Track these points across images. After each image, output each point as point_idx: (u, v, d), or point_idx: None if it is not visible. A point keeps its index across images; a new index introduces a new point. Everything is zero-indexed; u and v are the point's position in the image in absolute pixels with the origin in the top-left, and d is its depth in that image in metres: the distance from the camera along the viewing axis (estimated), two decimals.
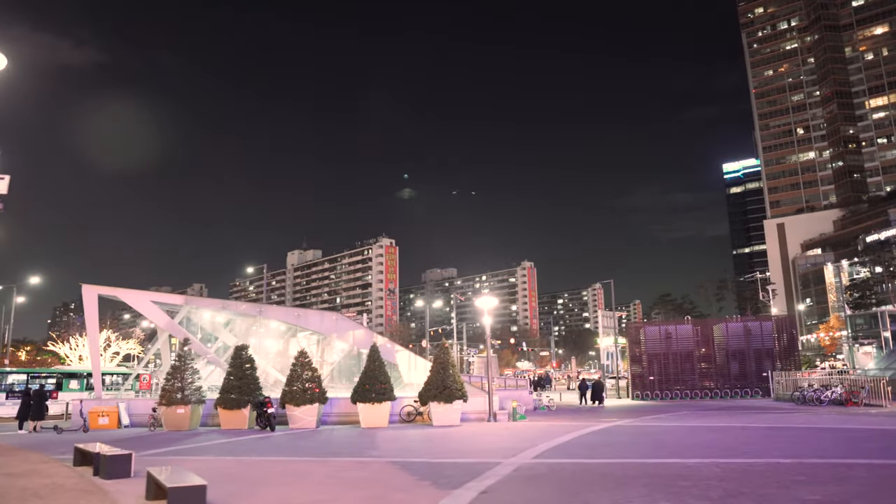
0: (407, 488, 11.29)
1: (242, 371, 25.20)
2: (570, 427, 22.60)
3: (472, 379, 45.56)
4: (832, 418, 24.05)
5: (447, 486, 11.10)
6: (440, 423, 24.22)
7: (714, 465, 12.70)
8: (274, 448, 18.21)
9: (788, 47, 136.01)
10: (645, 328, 50.89)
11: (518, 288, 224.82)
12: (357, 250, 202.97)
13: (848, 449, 14.83)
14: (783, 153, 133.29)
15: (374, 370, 24.77)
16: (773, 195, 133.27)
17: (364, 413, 24.30)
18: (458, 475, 12.25)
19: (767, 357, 46.70)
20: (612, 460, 14.02)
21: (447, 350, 25.42)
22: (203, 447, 18.71)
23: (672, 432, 20.11)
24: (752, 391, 44.30)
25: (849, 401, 30.94)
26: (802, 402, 33.17)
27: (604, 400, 40.22)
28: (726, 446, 15.89)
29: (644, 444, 17.08)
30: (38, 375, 41.68)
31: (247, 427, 24.59)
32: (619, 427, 22.25)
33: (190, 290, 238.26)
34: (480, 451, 16.27)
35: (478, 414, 26.86)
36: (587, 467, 13.20)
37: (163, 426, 24.88)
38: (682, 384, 46.62)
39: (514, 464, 13.64)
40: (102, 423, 26.15)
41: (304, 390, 24.44)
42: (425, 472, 12.88)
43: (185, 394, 24.93)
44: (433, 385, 24.53)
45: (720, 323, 49.98)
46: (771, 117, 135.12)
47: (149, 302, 29.07)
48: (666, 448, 15.98)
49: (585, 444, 17.27)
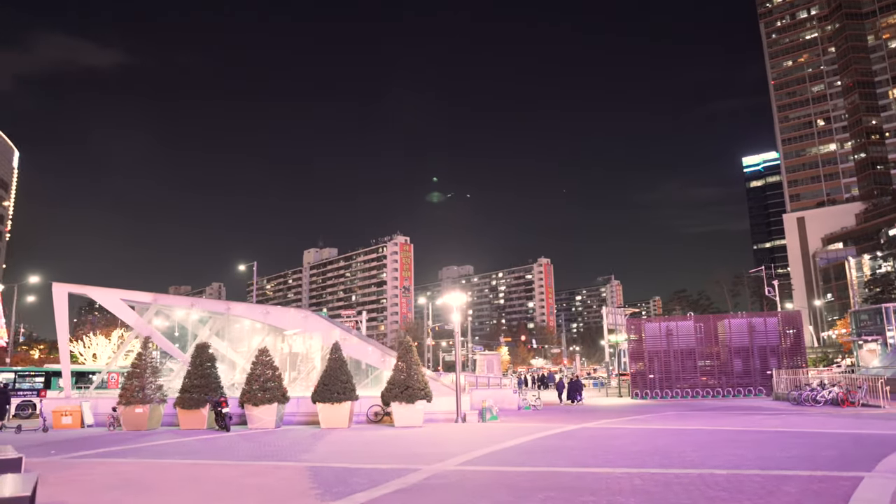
0: (288, 499, 10.45)
1: (203, 370, 24.58)
2: (533, 429, 21.62)
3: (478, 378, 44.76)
4: (816, 421, 22.71)
5: (331, 498, 10.29)
6: (402, 424, 23.35)
7: (638, 476, 11.66)
8: (209, 450, 17.50)
9: (808, 37, 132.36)
10: (645, 324, 49.46)
11: (535, 285, 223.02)
12: (372, 248, 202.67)
13: (800, 458, 13.64)
14: (803, 145, 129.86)
15: (335, 369, 23.96)
16: (793, 188, 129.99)
17: (323, 413, 23.52)
18: (358, 483, 11.46)
19: (773, 355, 45.13)
20: (536, 468, 13.03)
21: (411, 348, 24.50)
22: (139, 448, 18.09)
23: (630, 436, 19.00)
24: (756, 390, 42.82)
25: (845, 401, 29.45)
26: (799, 403, 31.77)
27: (579, 398, 39.22)
28: (673, 453, 14.78)
29: (588, 450, 16.04)
30: (27, 374, 41.55)
31: (205, 427, 23.99)
32: (582, 430, 21.19)
33: (209, 290, 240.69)
34: (413, 456, 15.37)
35: (450, 414, 25.93)
36: (499, 476, 12.30)
37: (122, 426, 24.37)
38: (684, 382, 45.27)
39: (430, 471, 12.76)
40: (65, 423, 25.74)
41: (264, 389, 23.74)
42: (329, 480, 12.06)
43: (146, 393, 24.39)
44: (395, 385, 23.68)
45: (723, 319, 48.39)
46: (790, 109, 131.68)
47: (118, 300, 28.63)
48: (605, 455, 14.93)
49: (526, 450, 16.28)
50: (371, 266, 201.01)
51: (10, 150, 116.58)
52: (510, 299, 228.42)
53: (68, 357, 29.24)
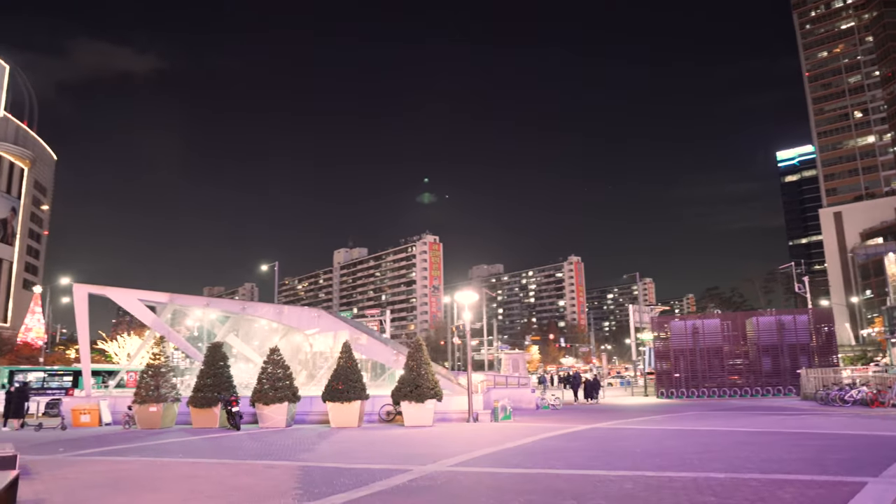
0: (267, 498, 10.34)
1: (215, 369, 24.76)
2: (543, 429, 21.29)
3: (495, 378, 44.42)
4: (838, 422, 21.89)
5: (309, 498, 10.19)
6: (412, 423, 23.20)
7: (631, 479, 11.29)
8: (212, 449, 17.57)
9: (844, 26, 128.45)
10: (671, 322, 48.58)
11: (565, 283, 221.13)
12: (401, 248, 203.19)
13: (807, 461, 13.07)
14: (839, 138, 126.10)
15: (345, 368, 23.91)
16: (830, 182, 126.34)
17: (333, 412, 23.49)
18: (343, 484, 11.34)
19: (803, 353, 43.88)
20: (529, 470, 12.73)
21: (421, 347, 24.33)
22: (145, 447, 18.26)
23: (638, 437, 18.53)
24: (786, 390, 41.71)
25: (875, 401, 28.39)
26: (826, 402, 30.78)
27: (596, 396, 38.70)
28: (676, 455, 14.32)
29: (590, 452, 15.64)
30: (56, 374, 42.51)
31: (217, 426, 24.18)
32: (593, 430, 20.77)
33: (241, 290, 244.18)
34: (410, 456, 15.16)
35: (464, 414, 25.65)
36: (488, 478, 12.06)
37: (137, 424, 24.69)
38: (710, 382, 44.35)
39: (420, 472, 12.56)
40: (84, 421, 26.23)
41: (275, 389, 23.80)
42: (315, 480, 11.97)
43: (160, 392, 24.67)
44: (405, 384, 23.54)
45: (751, 317, 47.20)
46: (826, 101, 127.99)
47: (135, 300, 29.06)
48: (606, 457, 14.55)
49: (528, 451, 15.96)
50: (400, 266, 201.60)
51: (49, 157, 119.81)
52: (540, 298, 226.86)
53: (88, 356, 29.78)
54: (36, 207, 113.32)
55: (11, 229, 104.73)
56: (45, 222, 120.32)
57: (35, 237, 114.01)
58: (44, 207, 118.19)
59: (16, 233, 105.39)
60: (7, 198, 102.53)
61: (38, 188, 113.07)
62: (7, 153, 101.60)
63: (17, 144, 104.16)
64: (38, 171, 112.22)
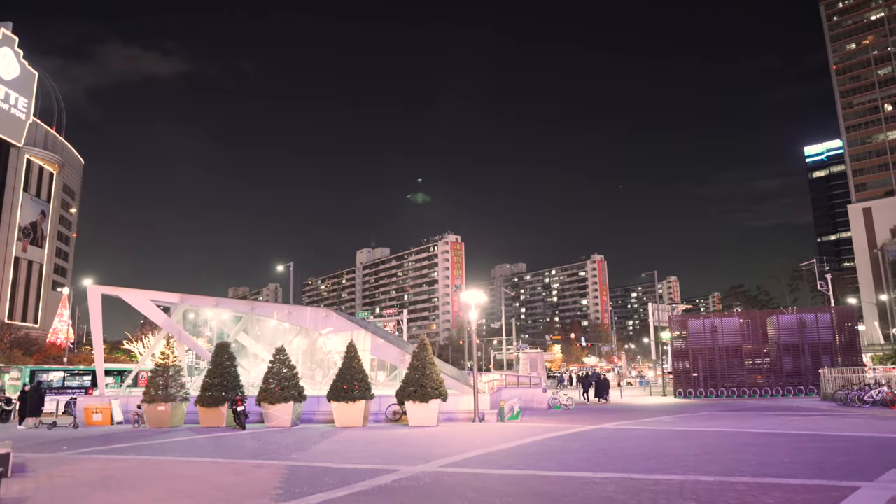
0: (245, 498, 10.33)
1: (222, 369, 24.95)
2: (547, 429, 21.10)
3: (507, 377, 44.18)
4: (851, 423, 21.30)
5: (287, 498, 10.19)
6: (416, 423, 23.13)
7: (616, 481, 11.06)
8: (211, 449, 17.68)
9: (873, 17, 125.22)
10: (689, 321, 47.82)
11: (588, 282, 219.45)
12: (423, 247, 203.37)
13: (805, 464, 12.68)
14: (869, 132, 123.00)
15: (351, 368, 23.93)
16: (858, 177, 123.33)
17: (337, 412, 23.53)
18: (326, 484, 11.37)
19: (825, 352, 42.92)
20: (518, 472, 12.56)
21: (426, 347, 24.25)
22: (147, 446, 18.45)
23: (640, 438, 18.18)
24: (807, 389, 40.84)
25: (895, 402, 27.60)
26: (845, 403, 30.02)
27: (605, 396, 38.28)
28: (672, 457, 14.02)
29: (586, 453, 15.36)
30: (77, 373, 43.29)
31: (224, 425, 24.37)
32: (597, 431, 20.49)
33: (266, 291, 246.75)
34: (403, 457, 15.07)
35: (471, 413, 25.50)
36: (474, 479, 11.95)
37: (146, 423, 25.00)
38: (730, 381, 43.62)
39: (407, 473, 12.51)
40: (96, 420, 26.65)
41: (282, 388, 23.90)
42: (299, 480, 11.96)
43: (168, 391, 24.95)
44: (409, 384, 23.48)
45: (771, 315, 46.28)
46: (854, 94, 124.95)
47: (147, 301, 29.43)
48: (600, 458, 14.30)
49: (524, 451, 15.78)
50: (422, 265, 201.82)
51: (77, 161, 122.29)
52: (563, 297, 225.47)
53: (102, 356, 30.29)
54: (65, 210, 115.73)
55: (41, 232, 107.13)
56: (74, 225, 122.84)
57: (64, 240, 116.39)
58: (72, 210, 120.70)
59: (45, 235, 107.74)
60: (37, 201, 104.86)
61: (66, 191, 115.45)
62: (36, 157, 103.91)
63: (47, 149, 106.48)
64: (66, 174, 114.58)
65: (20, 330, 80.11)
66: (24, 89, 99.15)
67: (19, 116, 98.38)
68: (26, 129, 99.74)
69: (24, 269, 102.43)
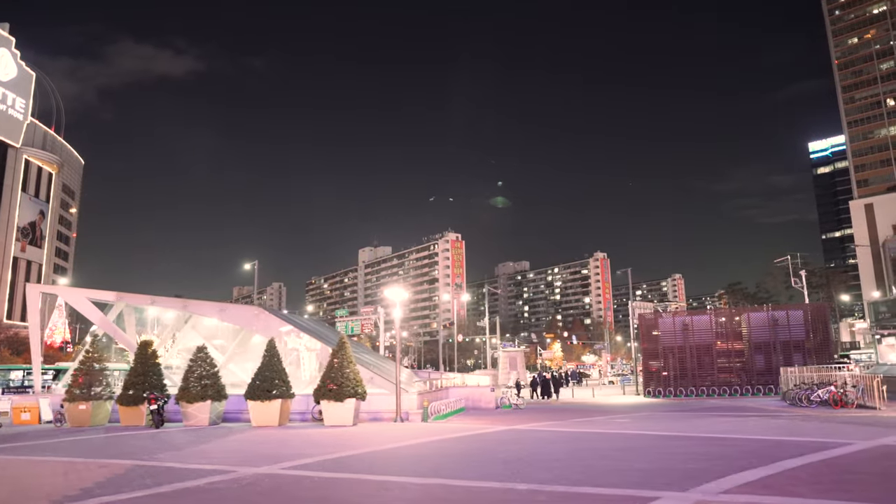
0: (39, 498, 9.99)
1: (145, 367, 24.67)
2: (460, 429, 20.63)
3: (438, 378, 43.58)
4: (775, 424, 20.67)
5: (85, 497, 9.96)
6: (332, 422, 22.72)
7: (421, 487, 10.58)
8: (86, 449, 17.26)
9: (875, 11, 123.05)
10: (659, 319, 47.08)
11: (591, 279, 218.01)
12: (423, 246, 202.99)
13: (644, 473, 11.93)
14: (871, 127, 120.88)
15: (269, 367, 23.56)
16: (861, 173, 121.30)
17: (254, 411, 23.17)
18: (142, 484, 11.11)
19: (797, 350, 42.06)
20: (360, 476, 11.98)
21: (345, 345, 23.82)
22: (42, 445, 18.25)
23: (538, 443, 17.23)
24: (777, 388, 40.00)
25: (840, 401, 26.81)
26: (794, 403, 29.31)
27: (553, 395, 37.90)
28: (532, 462, 13.42)
29: (459, 457, 14.84)
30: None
31: (144, 424, 24.07)
32: (510, 432, 19.81)
33: (270, 290, 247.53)
34: (264, 457, 14.60)
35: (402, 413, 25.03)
36: (307, 482, 11.54)
37: (67, 422, 24.78)
38: (700, 380, 42.85)
39: (240, 474, 12.19)
40: (24, 419, 26.50)
41: (201, 387, 23.59)
42: (120, 481, 11.58)
43: (91, 390, 24.72)
44: (326, 382, 23.02)
45: (743, 313, 45.42)
46: (856, 89, 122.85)
47: (84, 299, 29.28)
48: (462, 462, 13.88)
49: (401, 455, 15.28)
50: (423, 264, 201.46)
51: (77, 161, 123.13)
52: (566, 295, 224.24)
53: (39, 354, 30.14)
54: (64, 210, 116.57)
55: (40, 232, 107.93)
56: (74, 225, 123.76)
57: (64, 240, 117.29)
58: (72, 210, 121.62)
59: (44, 236, 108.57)
60: (36, 202, 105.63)
61: (66, 192, 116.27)
62: (35, 158, 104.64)
63: (45, 150, 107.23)
64: (66, 175, 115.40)
65: (10, 329, 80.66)
66: (22, 90, 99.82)
67: (16, 117, 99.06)
68: (24, 129, 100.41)
69: (22, 268, 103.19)
